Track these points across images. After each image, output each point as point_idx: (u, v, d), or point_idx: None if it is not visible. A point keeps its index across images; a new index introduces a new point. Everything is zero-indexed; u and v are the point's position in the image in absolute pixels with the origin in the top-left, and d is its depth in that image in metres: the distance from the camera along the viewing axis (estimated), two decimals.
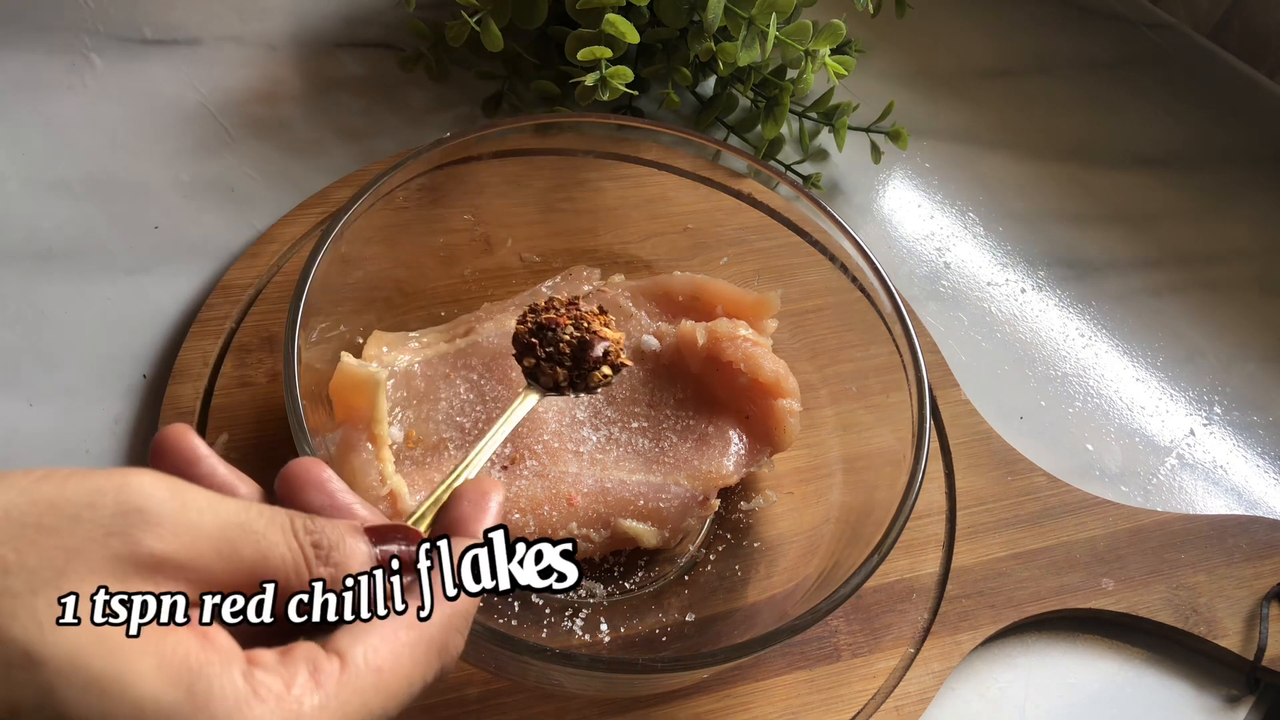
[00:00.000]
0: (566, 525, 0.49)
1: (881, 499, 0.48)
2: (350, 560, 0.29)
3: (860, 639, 0.52)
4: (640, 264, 0.61)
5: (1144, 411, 0.67)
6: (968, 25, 0.89)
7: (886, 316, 0.52)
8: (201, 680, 0.23)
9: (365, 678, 0.27)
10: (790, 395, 0.53)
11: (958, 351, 0.67)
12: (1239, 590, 0.57)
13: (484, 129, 0.54)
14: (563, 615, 0.50)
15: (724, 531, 0.54)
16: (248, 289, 0.59)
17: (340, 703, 0.26)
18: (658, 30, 0.68)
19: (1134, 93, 0.86)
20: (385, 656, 0.28)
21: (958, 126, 0.81)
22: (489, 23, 0.64)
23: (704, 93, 0.76)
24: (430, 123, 0.71)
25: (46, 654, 0.22)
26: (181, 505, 0.25)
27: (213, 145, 0.67)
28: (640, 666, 0.42)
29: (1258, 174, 0.82)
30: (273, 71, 0.72)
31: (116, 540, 0.24)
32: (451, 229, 0.59)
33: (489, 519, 0.33)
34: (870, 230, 0.73)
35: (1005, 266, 0.73)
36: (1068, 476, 0.60)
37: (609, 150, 0.60)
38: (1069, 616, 0.56)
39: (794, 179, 0.66)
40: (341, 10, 0.77)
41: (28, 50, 0.69)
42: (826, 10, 0.74)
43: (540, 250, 0.61)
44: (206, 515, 0.26)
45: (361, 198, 0.50)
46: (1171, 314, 0.72)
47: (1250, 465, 0.65)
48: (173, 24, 0.73)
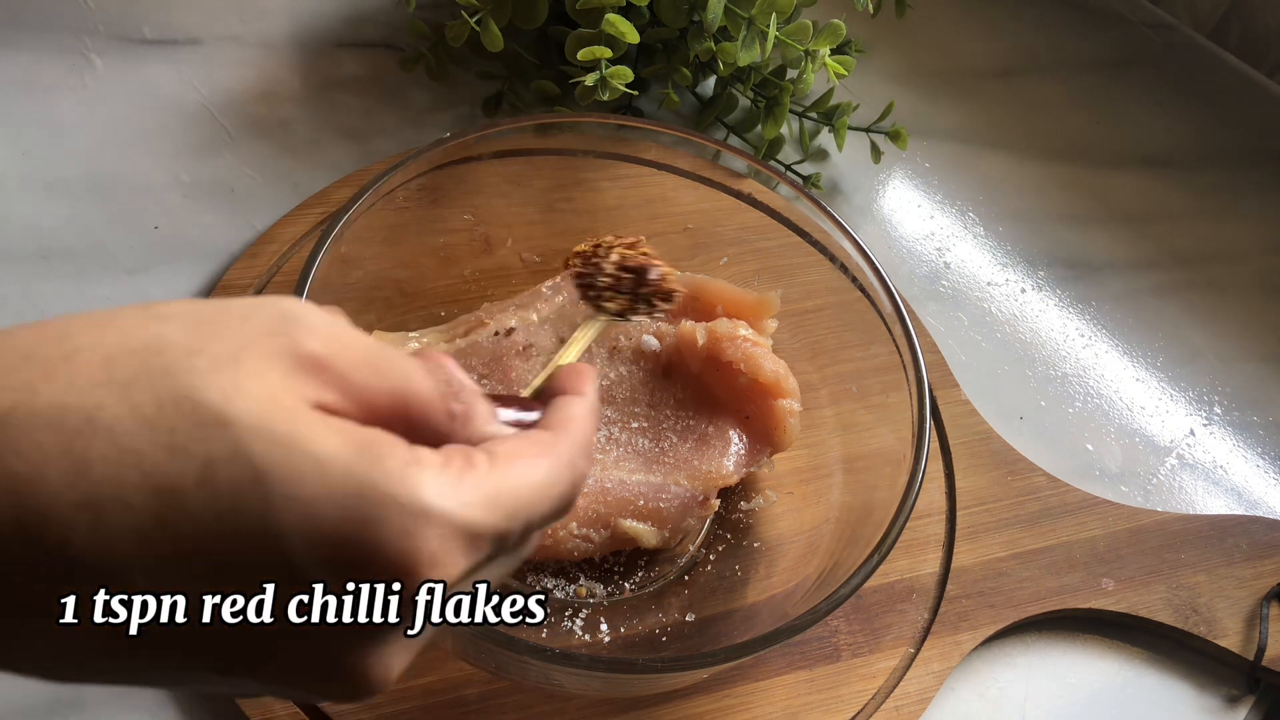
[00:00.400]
0: (566, 525, 0.49)
1: (881, 499, 0.48)
2: (477, 406, 0.30)
3: (860, 639, 0.52)
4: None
5: (1144, 411, 0.67)
6: (968, 25, 0.89)
7: (886, 316, 0.52)
8: (374, 446, 0.25)
9: (514, 470, 0.29)
10: (790, 395, 0.53)
11: (958, 351, 0.67)
12: (1239, 590, 0.57)
13: (484, 129, 0.54)
14: (563, 615, 0.50)
15: (724, 531, 0.54)
16: (248, 289, 0.59)
17: (494, 484, 0.28)
18: (658, 30, 0.68)
19: (1134, 93, 0.86)
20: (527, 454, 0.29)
21: (958, 126, 0.81)
22: (489, 23, 0.64)
23: (704, 93, 0.76)
24: (430, 123, 0.71)
25: (238, 417, 0.24)
26: (332, 322, 0.27)
27: (213, 145, 0.67)
28: (640, 666, 0.42)
29: (1258, 174, 0.82)
30: (273, 71, 0.72)
31: (280, 339, 0.26)
32: (451, 229, 0.59)
33: (590, 383, 0.35)
34: (870, 230, 0.73)
35: (1005, 266, 0.73)
36: (1068, 476, 0.60)
37: (609, 150, 0.60)
38: (1069, 616, 0.56)
39: (794, 179, 0.66)
40: (341, 10, 0.77)
41: (28, 50, 0.69)
42: (826, 10, 0.74)
43: (540, 250, 0.61)
44: (354, 334, 0.28)
45: (361, 198, 0.50)
46: (1172, 314, 0.72)
47: (1250, 465, 0.65)
48: (173, 24, 0.73)
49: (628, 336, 0.56)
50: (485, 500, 0.27)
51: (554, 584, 0.51)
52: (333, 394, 0.26)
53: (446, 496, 0.26)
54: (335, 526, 0.24)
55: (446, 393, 0.29)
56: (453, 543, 0.26)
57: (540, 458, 0.30)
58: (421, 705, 0.47)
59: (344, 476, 0.24)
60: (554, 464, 0.30)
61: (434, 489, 0.26)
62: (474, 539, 0.27)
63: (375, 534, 0.25)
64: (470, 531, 0.26)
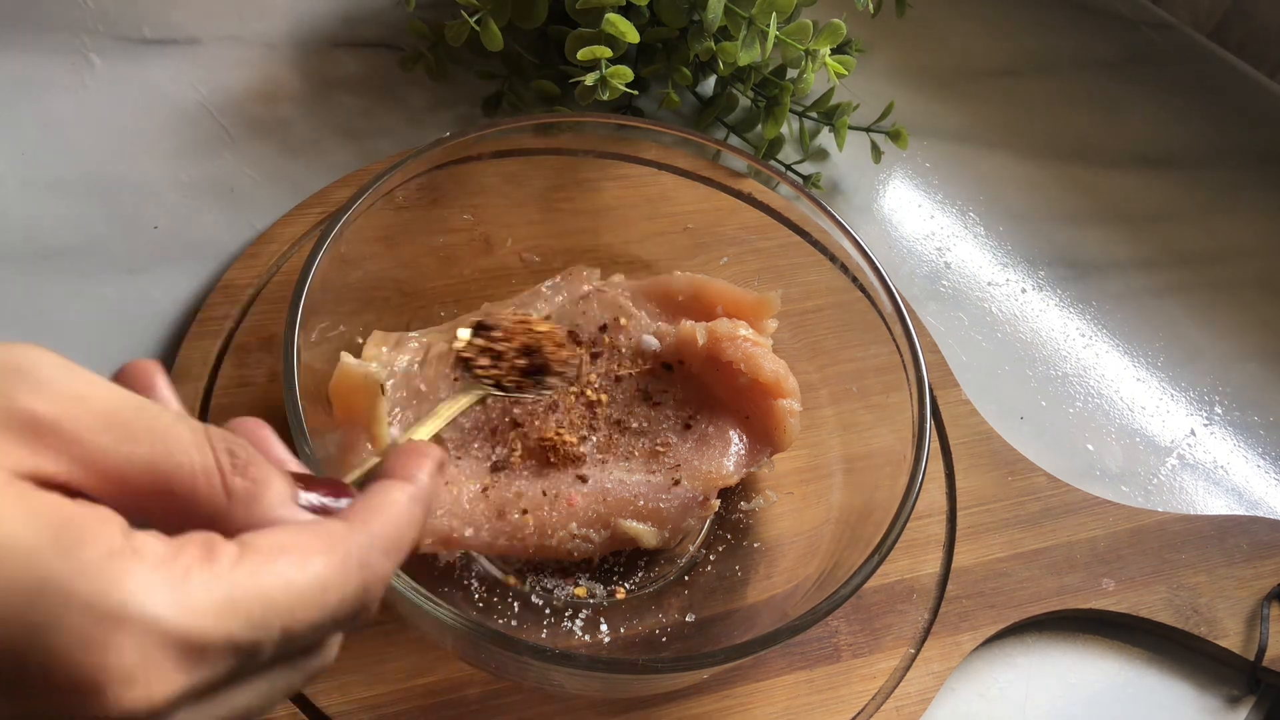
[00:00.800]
0: (566, 525, 0.49)
1: (882, 499, 0.48)
2: (269, 485, 0.25)
3: (860, 639, 0.52)
4: (640, 264, 0.61)
5: (1144, 411, 0.67)
6: (968, 25, 0.89)
7: (887, 316, 0.52)
8: (72, 528, 0.21)
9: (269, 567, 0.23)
10: (790, 395, 0.53)
11: (958, 351, 0.67)
12: (1239, 590, 0.57)
13: (484, 129, 0.54)
14: (562, 616, 0.50)
15: (724, 531, 0.54)
16: (247, 289, 0.59)
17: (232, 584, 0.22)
18: (658, 30, 0.68)
19: (1134, 93, 0.86)
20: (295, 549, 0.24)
21: (958, 126, 0.81)
22: (489, 22, 0.64)
23: (704, 93, 0.76)
24: (430, 123, 0.71)
25: None
26: (70, 375, 0.23)
27: (213, 145, 0.67)
28: (640, 667, 0.42)
29: (1258, 174, 0.82)
30: (272, 71, 0.72)
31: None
32: (451, 229, 0.58)
33: (426, 465, 0.30)
34: (870, 230, 0.73)
35: (1005, 266, 0.73)
36: (1068, 477, 0.60)
37: (609, 150, 0.60)
38: (1069, 617, 0.56)
39: (794, 179, 0.66)
40: (341, 10, 0.77)
41: (28, 50, 0.69)
42: (826, 10, 0.74)
43: (540, 250, 0.61)
44: (100, 390, 0.23)
45: (361, 197, 0.50)
46: (1172, 314, 0.72)
47: (1251, 465, 0.65)
48: (173, 24, 0.73)
49: (628, 337, 0.56)
50: (217, 604, 0.22)
51: (554, 584, 0.51)
52: (56, 462, 0.22)
53: (157, 597, 0.21)
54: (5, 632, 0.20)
55: (227, 466, 0.25)
56: (159, 655, 0.21)
57: (315, 555, 0.25)
58: (421, 705, 0.47)
59: (22, 568, 0.20)
60: (331, 562, 0.25)
61: (141, 586, 0.21)
62: (193, 651, 0.22)
63: (46, 642, 0.20)
64: (187, 641, 0.21)
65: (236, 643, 0.22)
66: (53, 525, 0.21)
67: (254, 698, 0.24)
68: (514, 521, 0.49)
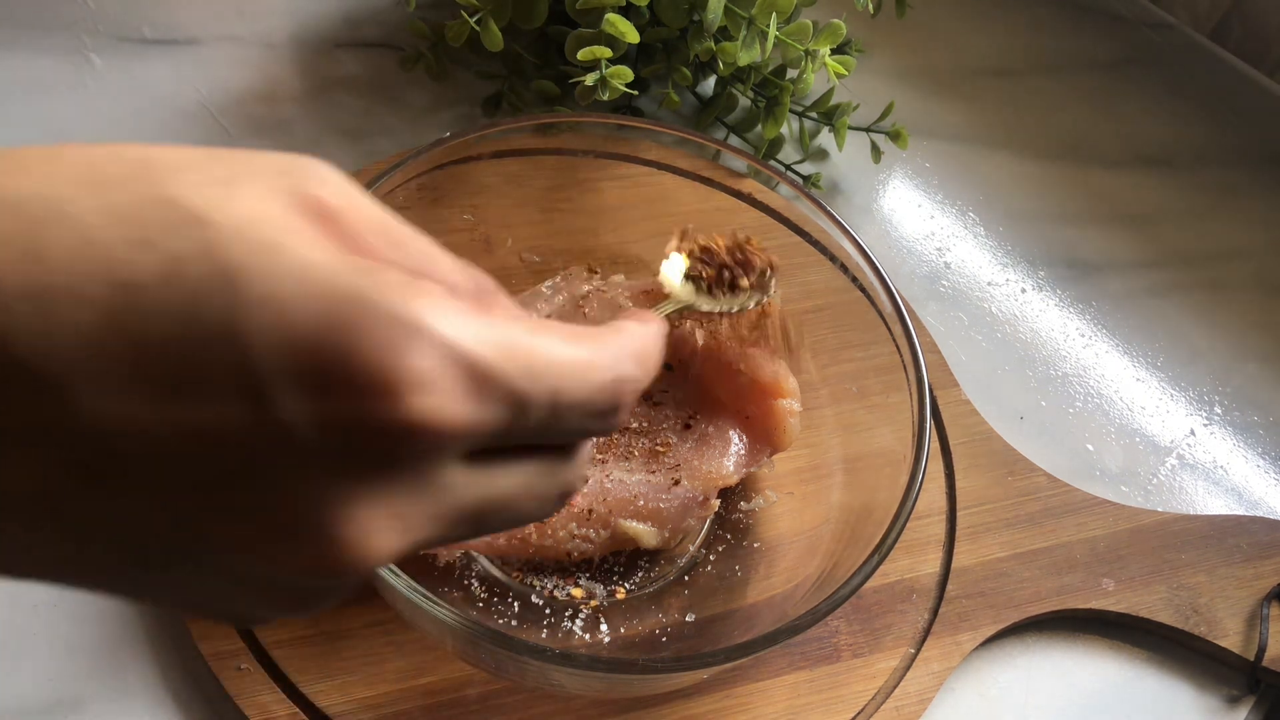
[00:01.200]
0: (566, 525, 0.49)
1: (882, 499, 0.48)
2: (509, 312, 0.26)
3: (860, 639, 0.52)
4: (640, 264, 0.61)
5: (1144, 411, 0.67)
6: (968, 25, 0.89)
7: (887, 316, 0.52)
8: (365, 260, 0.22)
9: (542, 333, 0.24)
10: (790, 395, 0.53)
11: (958, 351, 0.67)
12: (1239, 590, 0.57)
13: (484, 129, 0.54)
14: (562, 615, 0.50)
15: (724, 531, 0.54)
16: None
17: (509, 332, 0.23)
18: (658, 30, 0.68)
19: (1134, 93, 0.86)
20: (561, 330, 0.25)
21: (958, 126, 0.81)
22: (489, 23, 0.64)
23: (704, 93, 0.76)
24: (430, 123, 0.71)
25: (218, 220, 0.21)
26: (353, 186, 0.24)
27: (213, 145, 0.67)
28: (640, 667, 0.42)
29: (1258, 174, 0.82)
30: (272, 71, 0.72)
31: (286, 179, 0.23)
32: (451, 229, 0.58)
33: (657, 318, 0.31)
34: (870, 230, 0.73)
35: (1005, 266, 0.73)
36: (1068, 477, 0.60)
37: (609, 150, 0.60)
38: (1069, 617, 0.56)
39: (794, 179, 0.66)
40: (341, 10, 0.77)
41: (28, 50, 0.69)
42: (826, 10, 0.74)
43: (540, 250, 0.61)
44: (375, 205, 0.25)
45: None
46: (1172, 314, 0.72)
47: (1251, 465, 0.65)
48: (173, 24, 0.73)
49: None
50: (499, 343, 0.23)
51: (554, 584, 0.51)
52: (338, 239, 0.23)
53: (452, 320, 0.22)
54: (309, 331, 0.21)
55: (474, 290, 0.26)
56: (451, 372, 0.22)
57: (578, 337, 0.25)
58: (421, 705, 0.47)
59: (329, 281, 0.21)
60: (593, 347, 0.25)
61: (436, 307, 0.22)
62: (480, 380, 0.22)
63: (354, 341, 0.21)
64: (474, 367, 0.22)
65: (513, 389, 0.23)
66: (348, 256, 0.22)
67: (516, 486, 0.25)
68: None
